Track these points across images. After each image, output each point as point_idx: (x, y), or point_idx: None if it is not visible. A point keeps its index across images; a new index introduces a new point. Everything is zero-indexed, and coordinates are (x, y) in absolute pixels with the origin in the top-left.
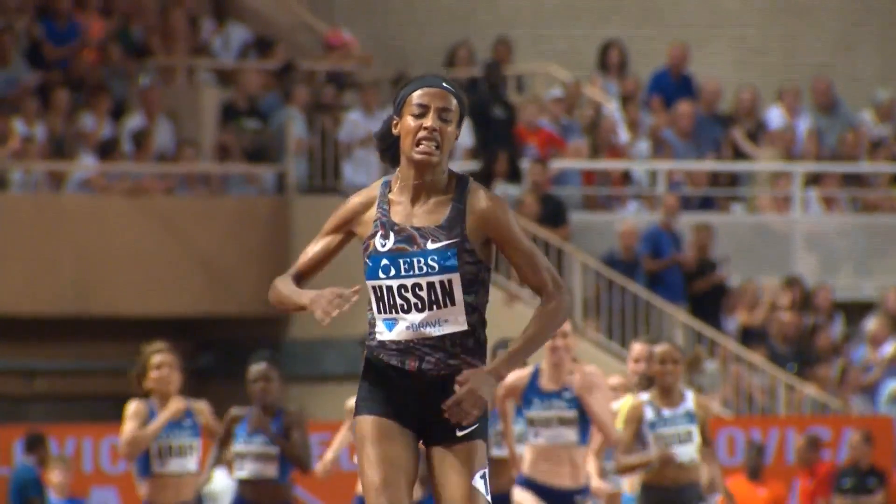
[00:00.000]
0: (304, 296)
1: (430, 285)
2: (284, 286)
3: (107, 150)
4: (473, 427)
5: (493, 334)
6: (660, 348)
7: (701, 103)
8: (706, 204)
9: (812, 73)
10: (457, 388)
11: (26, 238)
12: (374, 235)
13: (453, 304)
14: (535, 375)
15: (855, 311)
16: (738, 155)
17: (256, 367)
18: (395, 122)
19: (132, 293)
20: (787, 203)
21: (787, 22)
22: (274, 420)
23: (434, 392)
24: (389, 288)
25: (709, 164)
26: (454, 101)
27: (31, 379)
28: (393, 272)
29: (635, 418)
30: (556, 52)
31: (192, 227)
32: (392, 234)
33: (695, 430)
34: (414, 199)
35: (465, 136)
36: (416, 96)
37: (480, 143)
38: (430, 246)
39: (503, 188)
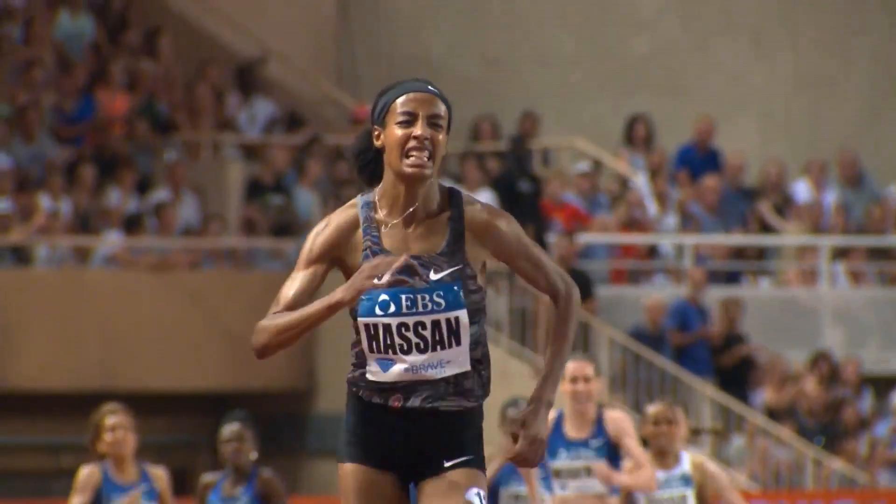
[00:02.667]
0: (330, 296)
1: (436, 324)
2: (281, 317)
3: (132, 225)
4: (466, 458)
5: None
6: (653, 408)
7: (727, 177)
8: (733, 278)
9: (838, 146)
10: (519, 437)
11: (52, 313)
12: None
13: (458, 343)
14: (559, 423)
15: (883, 385)
16: (765, 229)
17: (229, 428)
18: (376, 132)
19: (158, 368)
20: (815, 277)
21: (813, 95)
22: (247, 484)
23: (420, 426)
24: (387, 326)
25: (736, 238)
26: (443, 106)
27: (57, 455)
28: (393, 309)
29: None
30: (582, 126)
31: (218, 302)
32: None
33: (690, 494)
34: (407, 221)
35: None
36: (401, 103)
37: None
38: (433, 276)
39: None
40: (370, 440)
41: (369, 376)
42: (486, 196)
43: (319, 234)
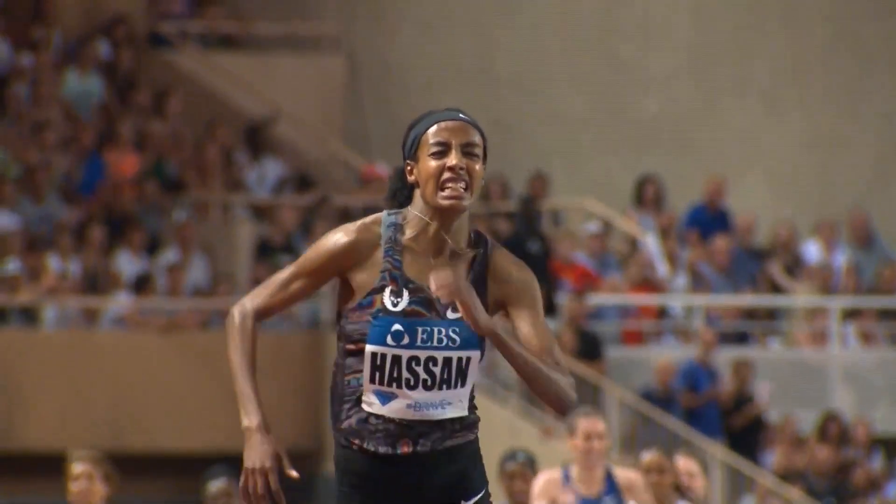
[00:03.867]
0: (251, 417)
1: (447, 361)
2: (241, 360)
3: (141, 285)
4: (481, 495)
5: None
6: (647, 457)
7: (737, 237)
8: (743, 338)
9: (848, 207)
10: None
11: (60, 374)
12: (381, 289)
13: (463, 385)
14: (568, 480)
15: (893, 446)
16: (775, 289)
17: (216, 484)
18: (409, 167)
19: (167, 429)
20: (825, 338)
21: (823, 155)
22: None
23: (431, 470)
24: (397, 358)
25: (746, 299)
26: (478, 134)
27: None
28: (406, 340)
29: None
30: (591, 186)
31: (227, 363)
32: (406, 293)
33: None
34: (434, 253)
35: None
36: (433, 133)
37: None
38: (451, 315)
39: None
40: (377, 498)
41: (367, 408)
42: None
43: (335, 245)
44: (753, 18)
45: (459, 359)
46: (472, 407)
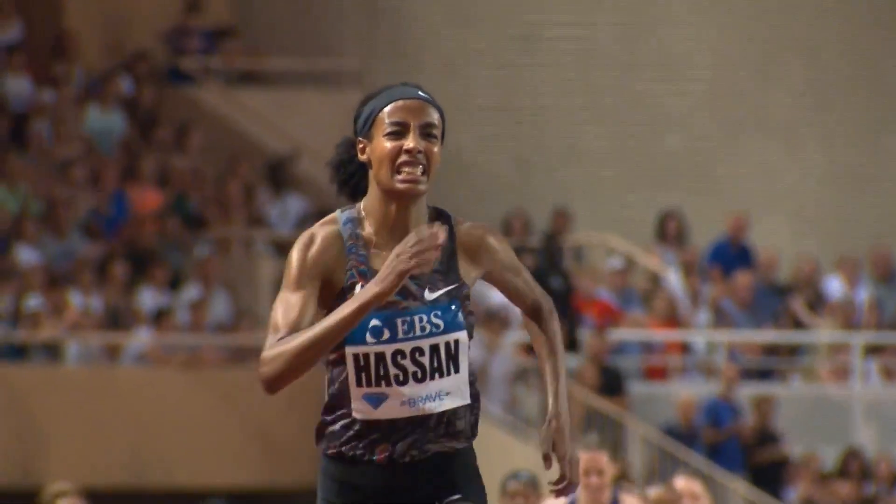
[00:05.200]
0: (361, 294)
1: (434, 349)
2: (296, 338)
3: (162, 321)
4: (459, 496)
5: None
6: (654, 492)
7: (760, 273)
8: (765, 375)
9: (870, 242)
10: (553, 459)
11: (82, 410)
12: (351, 288)
13: (457, 371)
14: None
15: None
16: (798, 325)
17: None
18: (361, 145)
19: (189, 466)
20: (847, 373)
21: (845, 191)
22: None
23: (409, 478)
24: (381, 355)
25: (769, 335)
26: (436, 114)
27: None
28: (387, 335)
29: None
30: (613, 222)
31: (249, 399)
32: None
33: None
34: (397, 241)
35: None
36: (389, 112)
37: None
38: (429, 296)
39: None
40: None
41: (356, 415)
42: None
43: (310, 249)
44: (774, 54)
45: (447, 343)
46: (475, 410)
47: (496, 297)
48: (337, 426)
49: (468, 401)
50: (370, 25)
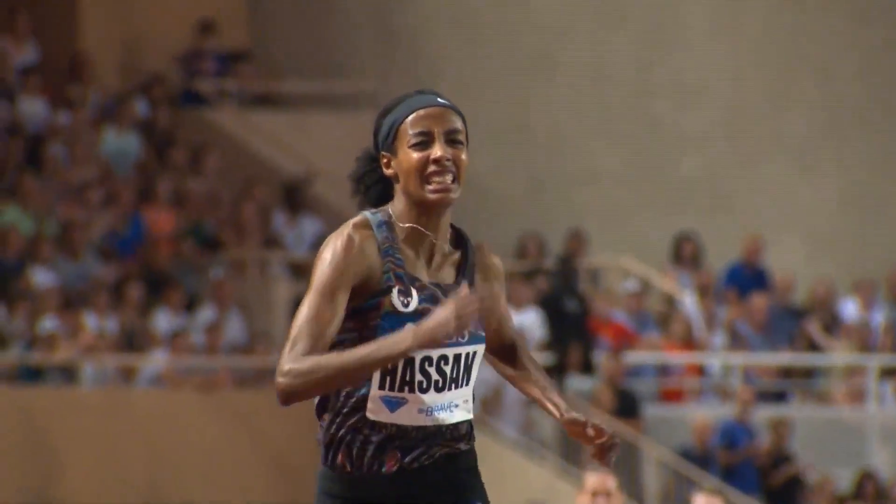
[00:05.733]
0: (396, 342)
1: (457, 358)
2: (324, 361)
3: (177, 341)
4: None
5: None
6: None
7: (775, 296)
8: (780, 397)
9: (886, 265)
10: (596, 433)
11: (97, 433)
12: (387, 291)
13: (468, 383)
14: None
15: None
16: (813, 348)
17: None
18: (384, 159)
19: (204, 488)
20: (862, 396)
21: (860, 214)
22: None
23: (416, 486)
24: (410, 360)
25: (784, 357)
26: (459, 120)
27: None
28: None
29: None
30: (628, 244)
31: (265, 422)
32: (414, 292)
33: None
34: (428, 249)
35: (538, 329)
36: (412, 122)
37: (553, 335)
38: None
39: (577, 381)
40: None
41: (369, 415)
42: (532, 315)
43: (348, 253)
44: (789, 77)
45: (468, 354)
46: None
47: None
48: (343, 430)
49: (470, 416)
50: (385, 48)
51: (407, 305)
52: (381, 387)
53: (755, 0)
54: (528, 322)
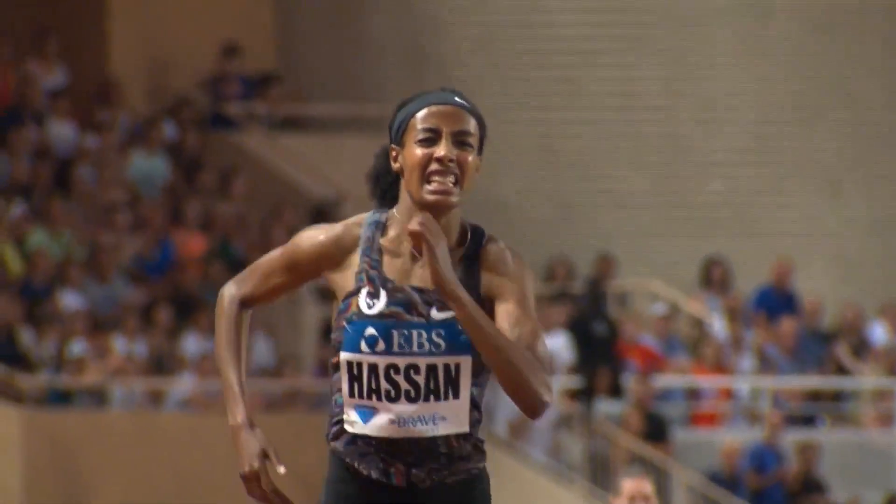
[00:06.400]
0: (234, 416)
1: (431, 369)
2: (228, 353)
3: (205, 364)
4: None
5: None
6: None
7: (804, 319)
8: (809, 421)
9: None
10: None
11: (126, 456)
12: (356, 292)
13: (456, 396)
14: None
15: None
16: (842, 371)
17: None
18: (393, 153)
19: None
20: (891, 419)
21: (888, 237)
22: None
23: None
24: (374, 366)
25: (813, 381)
26: (472, 121)
27: None
28: (382, 346)
29: None
30: (657, 268)
31: (293, 445)
32: (384, 294)
33: None
34: (418, 252)
35: (566, 352)
36: (422, 118)
37: (582, 359)
38: (437, 315)
39: (606, 405)
40: None
41: (349, 428)
42: (560, 339)
43: (312, 243)
44: (816, 100)
45: (447, 366)
46: (478, 439)
47: None
48: (341, 442)
49: (466, 429)
50: (414, 70)
51: (371, 307)
52: (351, 394)
53: (783, 24)
54: (557, 345)
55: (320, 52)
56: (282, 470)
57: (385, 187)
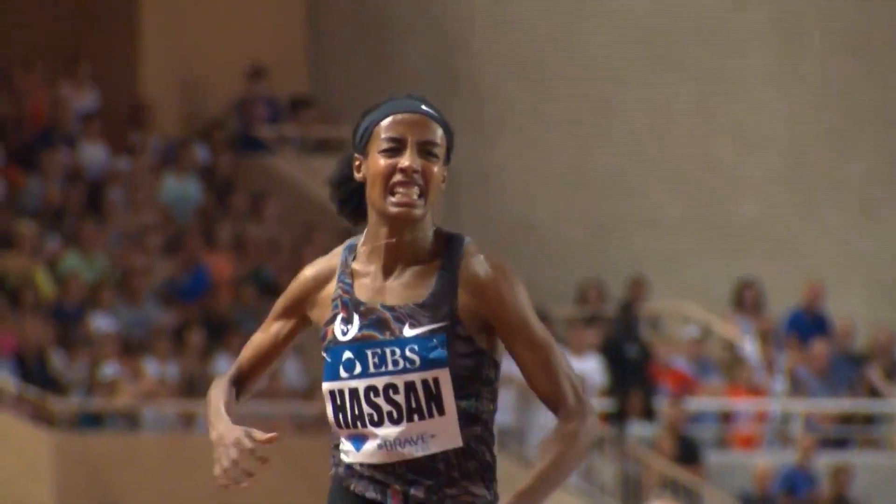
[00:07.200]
0: (217, 425)
1: (409, 386)
2: (215, 394)
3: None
4: None
5: None
6: None
7: (836, 342)
8: (841, 443)
9: None
10: None
11: (158, 478)
12: (332, 320)
13: (441, 412)
14: None
15: None
16: (874, 394)
17: None
18: (357, 162)
19: None
20: None
21: None
22: None
23: None
24: (354, 391)
25: (845, 404)
26: (439, 130)
27: None
28: (358, 369)
29: None
30: (689, 290)
31: (324, 468)
32: (356, 318)
33: None
34: (387, 269)
35: (598, 375)
36: (386, 126)
37: (614, 381)
38: (409, 332)
39: (638, 427)
40: None
41: (345, 458)
42: (593, 361)
43: (294, 282)
44: (849, 121)
45: (425, 381)
46: (487, 460)
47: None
48: (341, 469)
49: (460, 444)
50: (446, 94)
51: (346, 333)
52: (338, 424)
53: (815, 45)
54: (589, 368)
55: (352, 75)
56: (264, 436)
57: (345, 196)
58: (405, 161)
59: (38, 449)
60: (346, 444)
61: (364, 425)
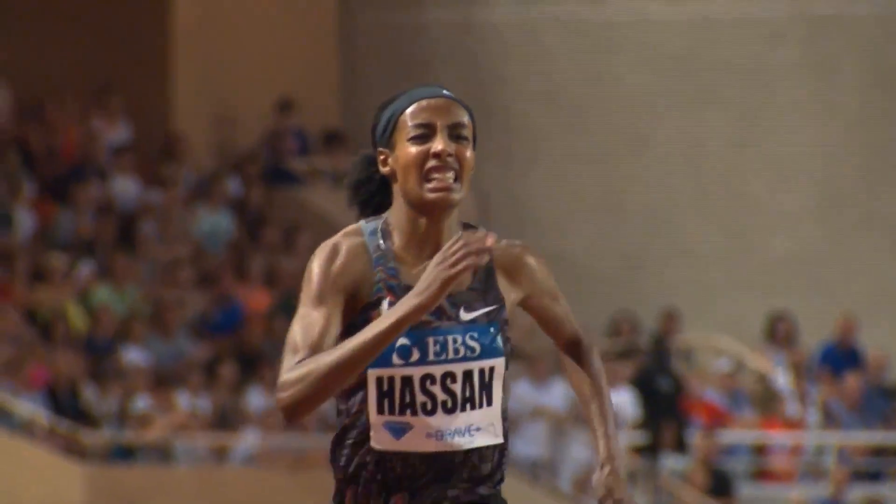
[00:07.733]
0: (399, 307)
1: (467, 375)
2: (321, 359)
3: (269, 419)
4: None
5: None
6: None
7: (868, 375)
8: (875, 476)
9: None
10: None
11: None
12: (377, 304)
13: (489, 403)
14: None
15: None
16: None
17: None
18: (381, 156)
19: None
20: None
21: None
22: None
23: None
24: (408, 379)
25: (878, 436)
26: (466, 114)
27: None
28: (416, 356)
29: None
30: (722, 323)
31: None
32: None
33: None
34: (425, 256)
35: (631, 407)
36: (412, 114)
37: (646, 414)
38: (465, 316)
39: (671, 460)
40: None
41: (374, 445)
42: (625, 394)
43: (334, 260)
44: (882, 156)
45: (482, 370)
46: (504, 446)
47: None
48: (351, 467)
49: (501, 439)
50: (480, 125)
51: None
52: (381, 411)
53: (850, 80)
54: (622, 401)
55: None
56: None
57: (365, 197)
58: (438, 145)
59: (70, 482)
60: (380, 434)
61: (414, 413)
